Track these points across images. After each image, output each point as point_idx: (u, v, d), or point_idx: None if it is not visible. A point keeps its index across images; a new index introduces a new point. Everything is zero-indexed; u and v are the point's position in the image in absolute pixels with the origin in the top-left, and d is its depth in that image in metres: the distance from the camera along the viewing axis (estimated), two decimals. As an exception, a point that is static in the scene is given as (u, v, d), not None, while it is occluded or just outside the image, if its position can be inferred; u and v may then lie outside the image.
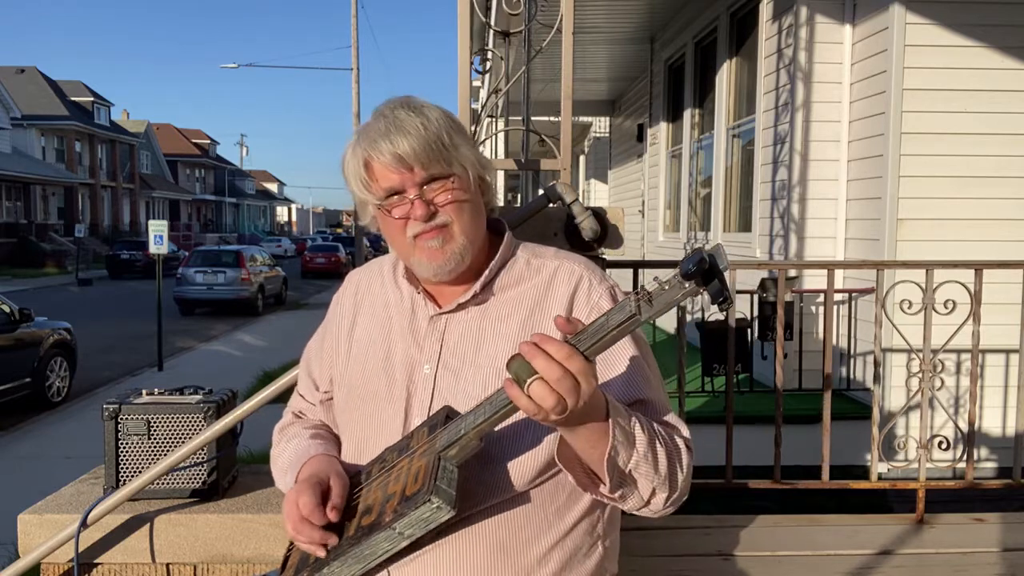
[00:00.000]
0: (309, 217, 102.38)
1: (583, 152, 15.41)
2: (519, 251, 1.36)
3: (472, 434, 1.06)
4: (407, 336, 1.32)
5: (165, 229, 11.10)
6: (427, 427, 1.17)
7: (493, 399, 1.05)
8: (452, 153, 1.24)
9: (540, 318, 1.28)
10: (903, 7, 4.82)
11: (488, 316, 1.29)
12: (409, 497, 1.04)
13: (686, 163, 8.37)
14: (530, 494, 1.23)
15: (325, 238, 48.63)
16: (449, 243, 1.25)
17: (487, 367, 1.25)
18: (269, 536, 2.29)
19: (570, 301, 1.29)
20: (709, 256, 0.93)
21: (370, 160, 1.23)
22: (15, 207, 34.96)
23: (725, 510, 2.90)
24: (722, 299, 0.94)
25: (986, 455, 4.93)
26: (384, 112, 1.25)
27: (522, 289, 1.31)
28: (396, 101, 1.27)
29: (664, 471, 1.14)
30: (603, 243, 2.36)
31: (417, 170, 1.22)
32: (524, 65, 2.64)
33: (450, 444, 1.07)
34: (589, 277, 1.31)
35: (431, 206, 1.23)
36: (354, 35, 24.23)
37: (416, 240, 1.25)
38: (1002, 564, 2.47)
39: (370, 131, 1.24)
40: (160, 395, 2.47)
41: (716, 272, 0.93)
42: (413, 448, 1.14)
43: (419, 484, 1.04)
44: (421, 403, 1.27)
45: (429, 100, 1.28)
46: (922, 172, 4.88)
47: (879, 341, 2.82)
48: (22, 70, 42.08)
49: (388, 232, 1.29)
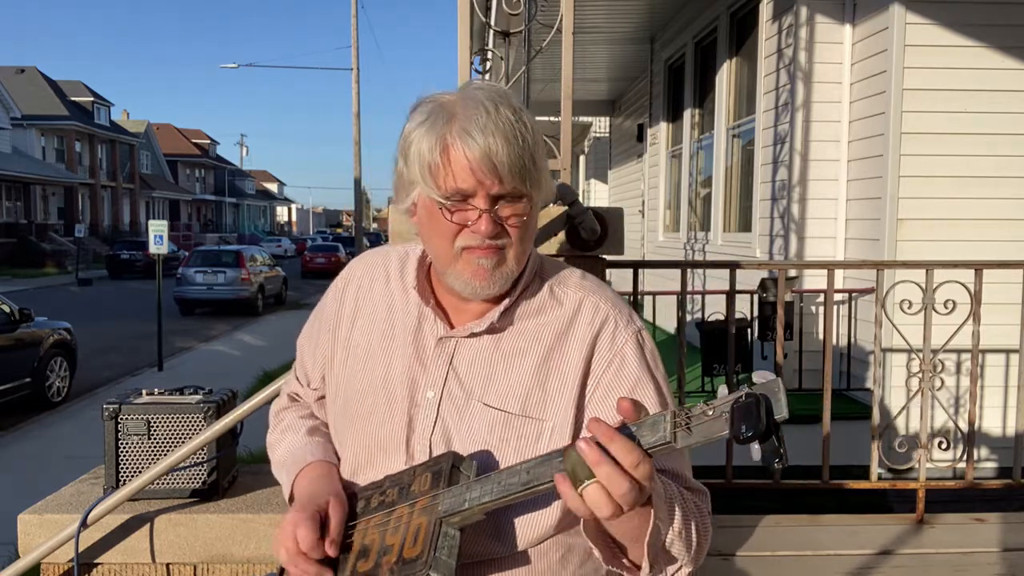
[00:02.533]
0: (309, 217, 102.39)
1: (583, 152, 15.41)
2: (543, 275, 1.25)
3: (477, 509, 1.01)
4: (410, 352, 1.22)
5: (165, 229, 11.10)
6: (431, 473, 1.10)
7: (505, 482, 0.99)
8: (536, 175, 1.11)
9: (559, 361, 1.18)
10: (903, 7, 4.82)
11: (502, 348, 1.19)
12: (407, 561, 1.00)
13: (686, 163, 8.37)
14: (531, 550, 1.17)
15: (325, 238, 48.69)
16: (501, 266, 1.14)
17: (496, 409, 1.16)
18: (269, 536, 2.29)
19: (592, 345, 1.18)
20: (767, 416, 0.82)
21: (452, 149, 1.07)
22: (15, 207, 34.96)
23: (725, 510, 2.90)
24: (777, 460, 0.84)
25: (986, 455, 4.93)
26: (485, 103, 1.08)
27: (541, 322, 1.20)
28: (497, 93, 1.11)
29: (694, 546, 1.08)
30: (602, 243, 2.36)
31: (503, 181, 1.08)
32: (524, 65, 2.64)
33: (453, 512, 1.02)
34: (615, 317, 1.20)
35: (498, 223, 1.11)
36: (354, 35, 24.24)
37: (464, 252, 1.12)
38: (1002, 564, 2.47)
39: (463, 117, 1.08)
40: (160, 395, 2.47)
41: (772, 429, 0.83)
42: (414, 494, 1.09)
43: (418, 548, 1.00)
44: (423, 432, 1.18)
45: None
46: (922, 172, 4.88)
47: (879, 341, 2.82)
48: (22, 70, 42.08)
49: (431, 228, 1.14)
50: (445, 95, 1.13)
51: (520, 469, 1.00)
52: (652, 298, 6.24)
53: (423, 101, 1.13)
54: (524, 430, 1.15)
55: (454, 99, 1.11)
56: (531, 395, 1.17)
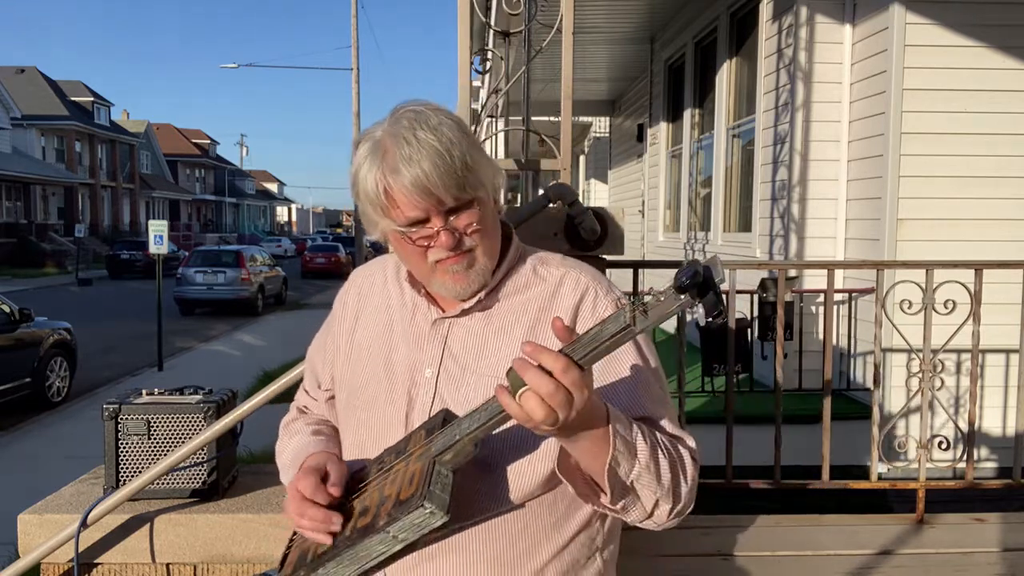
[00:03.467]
0: (309, 217, 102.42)
1: (583, 152, 15.41)
2: (525, 256, 1.33)
3: (467, 440, 1.05)
4: (408, 338, 1.30)
5: (165, 229, 11.10)
6: (424, 430, 1.17)
7: (489, 405, 1.04)
8: (475, 176, 1.18)
9: (544, 328, 1.24)
10: (903, 7, 4.82)
11: (492, 323, 1.28)
12: (403, 501, 1.04)
13: (686, 163, 8.37)
14: (528, 505, 1.22)
15: (325, 238, 48.64)
16: (473, 266, 1.22)
17: (489, 376, 1.23)
18: (269, 536, 2.29)
19: (575, 311, 1.26)
20: (704, 268, 0.92)
21: (390, 187, 1.15)
22: (15, 207, 34.97)
23: (725, 510, 2.90)
24: (717, 312, 0.93)
25: (986, 455, 4.93)
26: (405, 134, 1.15)
27: (527, 296, 1.29)
28: (412, 117, 1.17)
29: (667, 482, 1.12)
30: (602, 244, 2.36)
31: (444, 200, 1.15)
32: (524, 65, 2.64)
33: (445, 449, 1.07)
34: (595, 288, 1.29)
35: (456, 234, 1.19)
36: (354, 35, 24.24)
37: (438, 264, 1.21)
38: (1002, 564, 2.47)
39: (390, 155, 1.15)
40: (160, 395, 2.47)
41: (711, 285, 0.92)
42: (410, 451, 1.14)
43: (414, 488, 1.04)
44: (423, 407, 1.25)
45: (429, 100, 1.23)
46: (922, 172, 4.88)
47: (879, 341, 2.82)
48: (22, 70, 42.09)
49: (404, 254, 1.24)
50: (378, 129, 1.19)
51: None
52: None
53: (363, 137, 1.21)
54: None
55: (383, 134, 1.18)
56: None
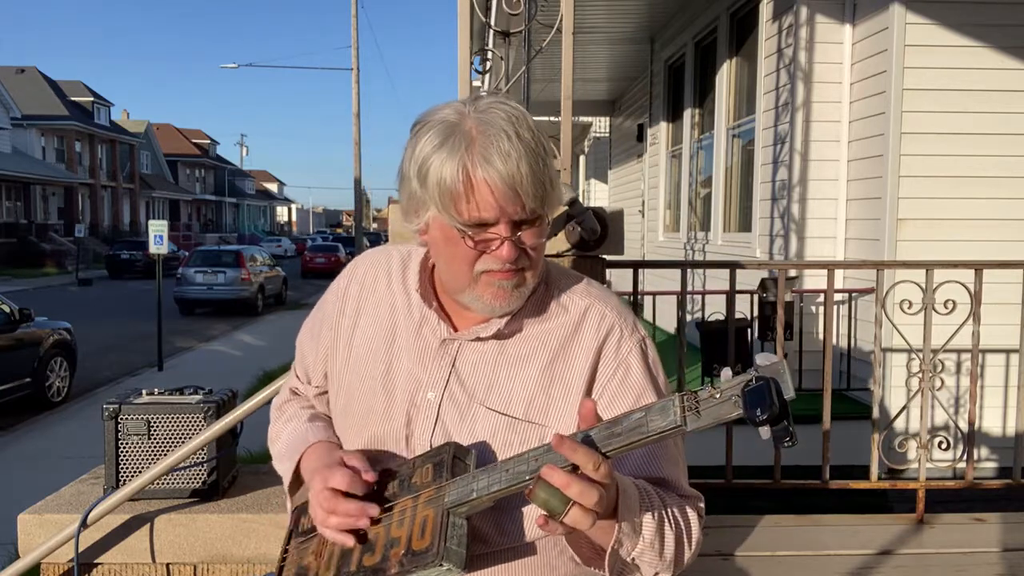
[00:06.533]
0: (309, 217, 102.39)
1: (583, 152, 15.41)
2: (547, 278, 1.23)
3: (487, 498, 1.01)
4: (412, 352, 1.21)
5: (165, 229, 11.09)
6: (431, 464, 1.10)
7: (514, 470, 0.99)
8: (552, 195, 1.09)
9: (563, 367, 1.18)
10: (903, 7, 4.82)
11: (506, 352, 1.19)
12: (417, 552, 1.00)
13: (686, 163, 8.37)
14: (531, 543, 1.18)
15: (325, 238, 48.64)
16: (521, 286, 1.13)
17: (498, 412, 1.17)
18: (269, 536, 2.29)
19: (597, 354, 1.19)
20: (778, 396, 0.82)
21: (475, 178, 1.04)
22: (15, 207, 34.95)
23: (725, 510, 2.90)
24: (788, 440, 0.84)
25: (986, 455, 4.93)
26: (506, 128, 1.05)
27: (547, 328, 1.20)
28: (514, 115, 1.07)
29: (670, 556, 1.10)
30: (602, 244, 2.36)
31: (525, 206, 1.06)
32: (524, 65, 2.64)
33: (461, 503, 1.02)
34: (620, 326, 1.21)
35: (519, 248, 1.09)
36: (354, 35, 24.25)
37: (484, 275, 1.11)
38: (1002, 564, 2.47)
39: (483, 143, 1.04)
40: (160, 395, 2.47)
41: (785, 414, 0.83)
42: (417, 487, 1.09)
43: (427, 540, 1.01)
44: (423, 432, 1.19)
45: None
46: (922, 172, 4.88)
47: (879, 341, 2.82)
48: (22, 70, 42.07)
49: (449, 253, 1.12)
50: (454, 113, 1.08)
51: (528, 457, 1.00)
52: (652, 298, 6.24)
53: (431, 121, 1.09)
54: (527, 434, 1.16)
55: (470, 122, 1.06)
56: (535, 400, 1.17)
